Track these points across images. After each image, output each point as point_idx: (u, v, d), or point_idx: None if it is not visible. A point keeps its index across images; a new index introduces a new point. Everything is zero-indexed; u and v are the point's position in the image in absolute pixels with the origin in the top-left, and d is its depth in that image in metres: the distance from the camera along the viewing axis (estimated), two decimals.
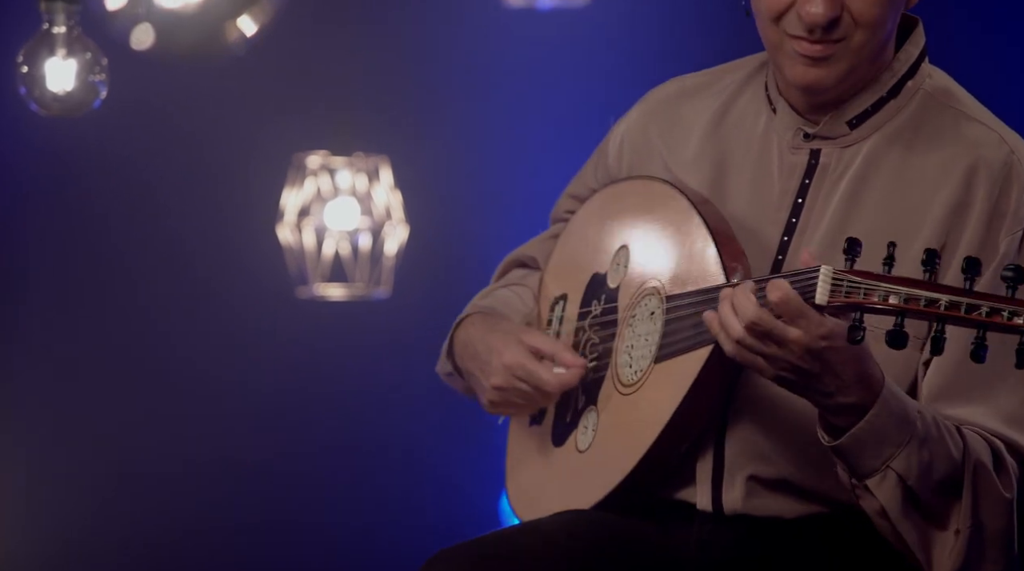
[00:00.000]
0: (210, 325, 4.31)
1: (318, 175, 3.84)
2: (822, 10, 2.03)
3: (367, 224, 3.87)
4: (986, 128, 2.10)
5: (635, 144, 2.28)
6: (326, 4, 4.22)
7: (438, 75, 4.35)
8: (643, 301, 2.17)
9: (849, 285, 1.88)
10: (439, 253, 4.31)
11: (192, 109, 4.20)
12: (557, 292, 2.32)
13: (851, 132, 2.11)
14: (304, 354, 4.34)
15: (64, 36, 2.31)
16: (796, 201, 2.12)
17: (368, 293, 3.90)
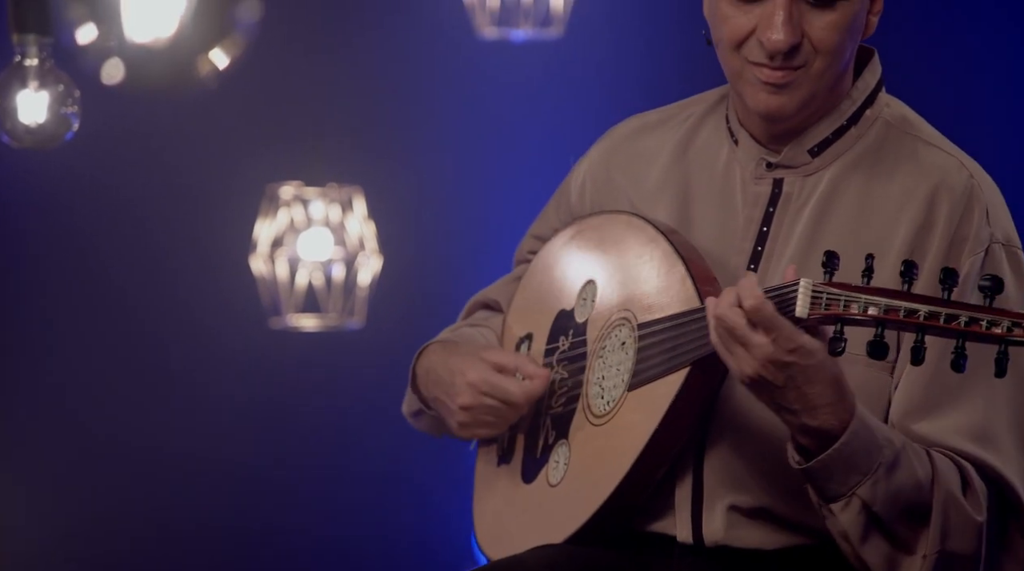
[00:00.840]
0: (183, 355, 4.30)
1: (291, 206, 3.84)
2: (783, 36, 2.05)
3: (340, 254, 3.87)
4: (945, 154, 2.12)
5: (597, 182, 2.29)
6: (298, 35, 4.22)
7: (412, 106, 4.36)
8: (613, 333, 2.17)
9: (829, 297, 1.89)
10: (412, 284, 4.30)
11: (165, 140, 4.20)
12: (522, 332, 2.32)
13: (813, 161, 2.13)
14: (277, 385, 4.33)
15: (36, 69, 2.31)
16: (761, 230, 2.13)
17: (341, 324, 3.89)
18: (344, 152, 4.13)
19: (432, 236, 4.36)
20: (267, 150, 4.19)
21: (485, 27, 3.91)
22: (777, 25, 2.05)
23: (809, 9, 2.06)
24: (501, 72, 4.32)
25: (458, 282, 4.33)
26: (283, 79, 4.21)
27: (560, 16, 3.91)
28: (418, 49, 4.33)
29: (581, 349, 2.21)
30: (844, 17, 2.06)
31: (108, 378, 4.30)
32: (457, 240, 4.36)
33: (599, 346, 2.18)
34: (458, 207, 4.36)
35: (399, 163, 4.34)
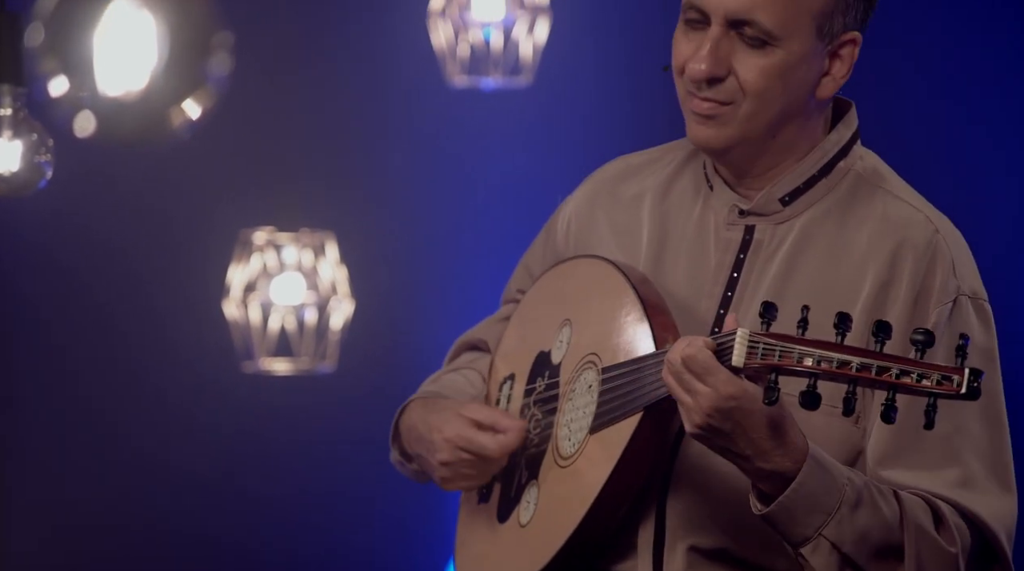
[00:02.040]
0: (156, 399, 4.29)
1: (264, 251, 3.85)
2: (704, 67, 2.09)
3: (312, 299, 3.88)
4: (912, 209, 2.14)
5: (581, 222, 2.33)
6: (270, 82, 4.24)
7: (383, 153, 4.38)
8: (582, 375, 2.20)
9: (765, 347, 1.91)
10: (384, 328, 4.31)
11: (138, 186, 4.21)
12: (506, 372, 2.35)
13: (784, 209, 2.16)
14: (250, 428, 4.32)
15: (10, 118, 2.33)
16: (732, 275, 2.16)
17: (313, 368, 3.90)
18: (316, 198, 4.15)
19: (403, 281, 4.37)
20: (240, 196, 4.20)
21: (455, 75, 3.95)
22: (702, 55, 2.09)
23: (742, 47, 2.09)
24: (471, 119, 4.35)
25: (429, 327, 4.35)
26: (256, 126, 4.23)
27: (529, 65, 3.95)
28: (390, 97, 4.36)
29: (554, 391, 2.24)
30: (775, 64, 2.08)
31: (79, 422, 4.29)
32: (428, 285, 4.37)
33: (569, 388, 2.21)
34: (429, 252, 4.38)
35: (371, 209, 4.35)
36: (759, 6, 2.07)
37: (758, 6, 2.07)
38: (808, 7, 2.08)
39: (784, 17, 2.07)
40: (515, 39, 3.93)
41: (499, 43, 3.92)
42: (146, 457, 4.30)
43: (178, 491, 4.30)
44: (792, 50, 2.09)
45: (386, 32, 4.32)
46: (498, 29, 3.91)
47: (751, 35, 2.08)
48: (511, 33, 3.93)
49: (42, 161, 2.35)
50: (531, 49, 3.94)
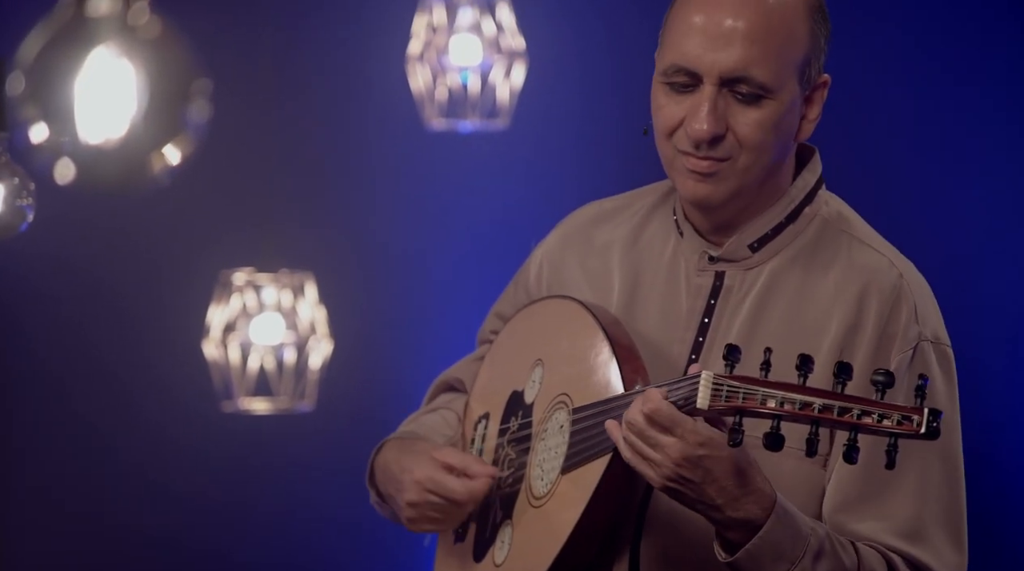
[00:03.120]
0: (135, 438, 4.29)
1: (244, 291, 3.86)
2: (706, 127, 2.10)
3: (292, 339, 3.89)
4: (877, 253, 2.17)
5: (554, 267, 2.35)
6: (249, 124, 4.26)
7: (362, 194, 4.39)
8: (554, 415, 2.22)
9: (729, 389, 1.93)
10: (362, 368, 4.32)
11: (118, 227, 4.22)
12: (480, 412, 2.37)
13: (753, 255, 2.19)
14: (229, 467, 4.32)
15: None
16: (703, 321, 2.19)
17: (292, 407, 3.91)
18: (296, 239, 4.17)
19: (382, 321, 4.38)
20: (220, 237, 4.22)
21: (434, 118, 3.97)
22: (702, 116, 2.09)
23: (736, 104, 2.10)
24: (449, 162, 4.37)
25: (408, 367, 4.36)
26: (235, 167, 4.25)
27: (506, 108, 3.98)
28: (369, 139, 4.38)
29: (527, 431, 2.26)
30: (770, 116, 2.11)
31: (59, 461, 4.29)
32: (406, 325, 4.38)
33: (542, 428, 2.23)
34: (407, 293, 4.39)
35: (350, 250, 4.37)
36: (753, 63, 2.09)
37: (752, 63, 2.09)
38: (793, 57, 2.11)
39: (775, 70, 2.10)
40: (492, 83, 3.95)
41: (476, 87, 3.95)
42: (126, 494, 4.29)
43: (158, 526, 4.30)
44: (783, 100, 2.11)
45: (365, 75, 4.34)
46: (475, 73, 3.94)
47: (746, 91, 2.10)
48: (488, 77, 3.95)
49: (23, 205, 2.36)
50: (508, 93, 3.97)
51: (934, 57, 4.18)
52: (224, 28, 4.22)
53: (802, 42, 2.12)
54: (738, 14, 2.09)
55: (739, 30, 2.09)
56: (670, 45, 2.13)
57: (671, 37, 2.13)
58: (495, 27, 3.91)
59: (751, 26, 2.09)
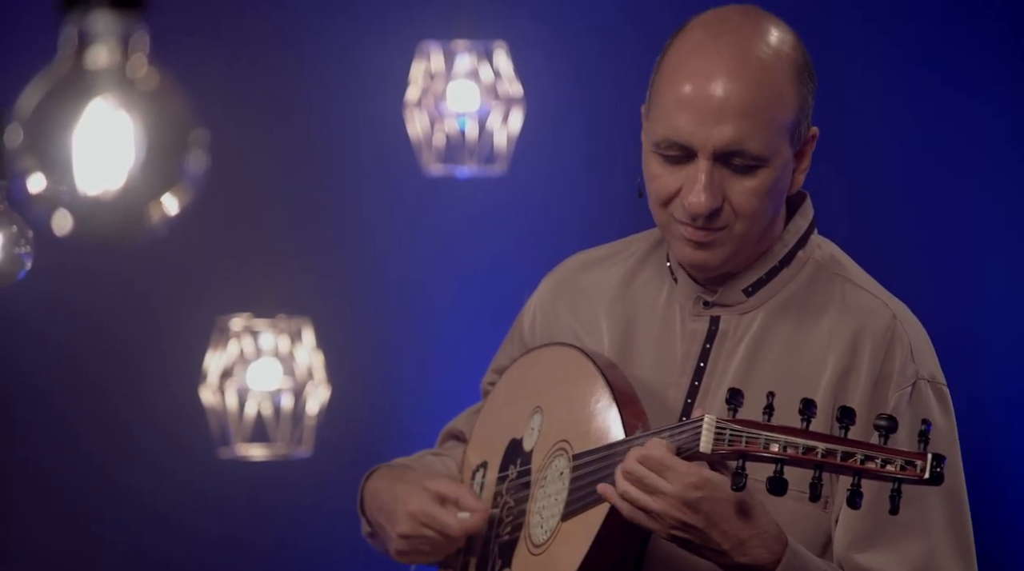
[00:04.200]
0: (132, 486, 4.28)
1: (241, 337, 3.85)
2: (703, 201, 2.09)
3: (289, 384, 3.88)
4: (871, 296, 2.18)
5: (546, 316, 2.36)
6: (247, 169, 4.27)
7: (359, 239, 4.40)
8: (553, 462, 2.21)
9: (732, 433, 1.93)
10: (360, 413, 4.31)
11: (115, 272, 4.22)
12: (478, 460, 2.37)
13: (747, 300, 2.19)
14: (226, 513, 4.31)
15: None
16: (698, 365, 2.19)
17: (289, 453, 3.90)
18: (293, 284, 4.17)
19: (379, 366, 4.38)
20: (217, 283, 4.22)
21: (431, 164, 3.98)
22: (698, 191, 2.08)
23: (731, 175, 2.09)
24: (446, 207, 4.38)
25: (405, 412, 4.35)
26: (233, 213, 4.25)
27: (503, 154, 3.98)
28: (366, 184, 4.39)
29: (526, 478, 2.25)
30: (765, 182, 2.10)
31: (55, 508, 4.27)
32: (404, 370, 4.38)
33: (541, 475, 2.22)
34: (405, 338, 4.39)
35: (347, 295, 4.37)
36: (746, 136, 2.08)
37: (745, 136, 2.08)
38: (783, 123, 2.11)
39: (767, 140, 2.09)
40: (489, 129, 3.96)
41: (474, 133, 3.96)
42: (123, 542, 4.28)
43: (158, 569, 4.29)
44: (776, 166, 2.11)
45: (363, 122, 4.35)
46: (473, 119, 3.95)
47: (740, 163, 2.09)
48: (486, 123, 3.96)
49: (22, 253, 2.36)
50: (505, 139, 3.97)
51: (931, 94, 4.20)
52: (221, 76, 4.23)
53: (791, 106, 2.11)
54: (729, 87, 2.07)
55: (731, 104, 2.07)
56: (660, 117, 2.12)
57: (661, 108, 2.11)
58: (492, 73, 3.92)
59: (742, 99, 2.07)
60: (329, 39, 4.33)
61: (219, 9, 4.27)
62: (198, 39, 4.18)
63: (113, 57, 1.32)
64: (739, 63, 2.08)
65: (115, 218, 1.37)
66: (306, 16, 4.33)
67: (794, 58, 2.12)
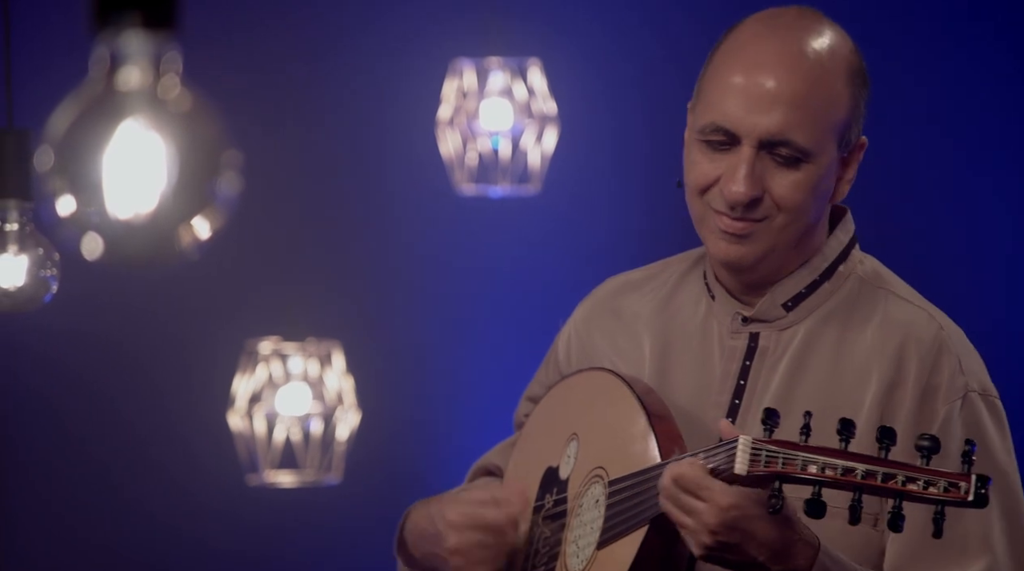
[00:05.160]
0: (160, 512, 4.26)
1: (270, 361, 3.82)
2: (744, 189, 2.07)
3: (319, 409, 3.85)
4: (915, 308, 2.14)
5: (581, 342, 2.32)
6: (277, 192, 4.26)
7: (390, 261, 4.38)
8: (589, 489, 2.18)
9: (768, 455, 1.90)
10: (390, 439, 4.29)
11: (144, 297, 4.21)
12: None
13: (787, 315, 2.15)
14: (254, 541, 4.29)
15: (16, 233, 2.33)
16: (738, 383, 2.15)
17: (319, 479, 3.86)
18: (323, 307, 4.14)
19: (410, 391, 4.36)
20: (246, 306, 4.20)
21: (463, 183, 3.95)
22: (739, 178, 2.07)
23: (774, 166, 2.08)
24: (479, 227, 4.36)
25: (436, 438, 4.33)
26: (262, 235, 4.24)
27: (537, 173, 3.95)
28: (397, 204, 4.37)
29: (562, 507, 2.22)
30: (809, 178, 2.08)
31: (80, 534, 4.26)
32: (435, 395, 4.36)
33: (577, 504, 2.19)
34: (436, 362, 4.37)
35: (378, 318, 4.35)
36: (794, 127, 2.07)
37: (793, 127, 2.07)
38: (833, 121, 2.09)
39: (815, 134, 2.08)
40: (523, 148, 3.93)
41: (507, 152, 3.93)
42: (150, 569, 4.26)
43: None
44: (821, 163, 2.09)
45: (394, 141, 4.34)
46: (506, 138, 3.92)
47: (785, 154, 2.07)
48: (519, 142, 3.93)
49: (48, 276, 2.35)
50: (539, 157, 3.94)
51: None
52: (251, 95, 4.22)
53: (843, 106, 2.10)
54: (780, 77, 2.07)
55: (782, 93, 2.07)
56: (709, 103, 2.11)
57: (710, 95, 2.11)
58: (526, 91, 3.90)
59: (794, 90, 2.07)
60: (361, 57, 4.31)
61: (250, 28, 4.26)
62: (229, 59, 4.17)
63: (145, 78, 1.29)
64: (793, 54, 2.08)
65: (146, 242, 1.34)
66: (338, 35, 4.31)
67: (850, 60, 2.12)
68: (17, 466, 4.24)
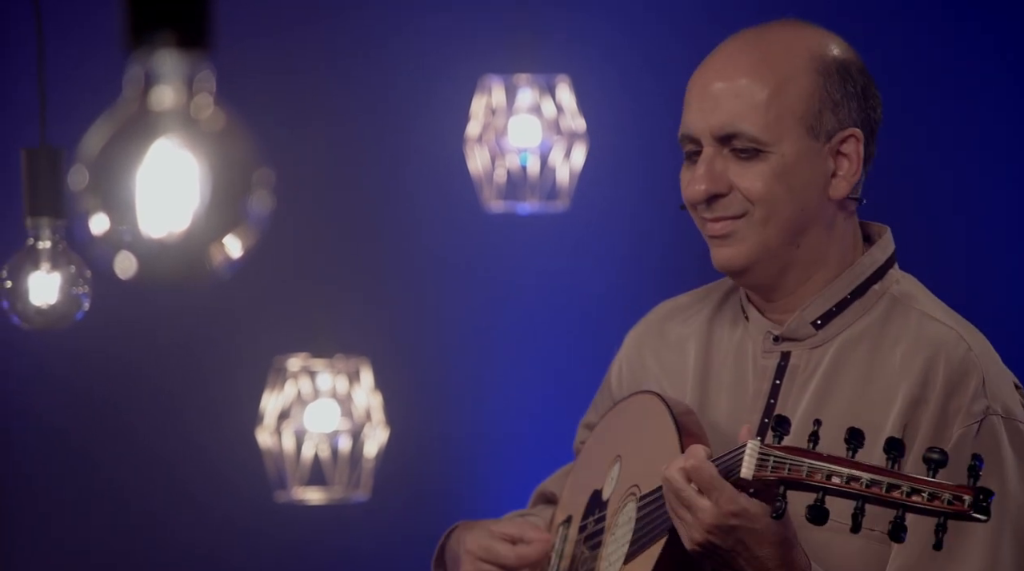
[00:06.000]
0: (188, 529, 4.26)
1: (298, 378, 3.82)
2: (702, 186, 2.11)
3: (347, 426, 3.85)
4: (946, 327, 2.12)
5: (632, 366, 2.36)
6: (305, 207, 4.26)
7: (418, 278, 4.38)
8: (625, 507, 2.20)
9: (775, 460, 1.89)
10: (419, 456, 4.29)
11: (172, 313, 4.21)
12: (563, 516, 2.36)
13: (817, 333, 2.15)
14: (283, 559, 4.29)
15: (49, 251, 2.33)
16: (769, 402, 2.16)
17: (347, 497, 3.86)
18: (351, 324, 4.14)
19: (439, 407, 4.36)
20: (274, 322, 4.21)
21: (492, 200, 3.94)
22: (697, 176, 2.11)
23: (736, 161, 2.10)
24: (507, 244, 4.35)
25: (464, 455, 4.32)
26: (290, 252, 4.24)
27: (566, 190, 3.95)
28: (426, 221, 4.37)
29: (600, 525, 2.24)
30: (772, 168, 2.09)
31: (108, 547, 4.26)
32: (463, 412, 4.35)
33: (613, 522, 2.21)
34: (464, 379, 4.36)
35: (406, 335, 4.35)
36: (740, 117, 2.09)
37: (739, 117, 2.09)
38: (790, 109, 2.10)
39: (767, 122, 2.09)
40: (551, 164, 3.93)
41: (536, 168, 3.93)
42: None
43: None
44: (784, 152, 2.10)
45: (423, 157, 4.34)
46: (535, 154, 3.92)
47: (741, 147, 2.09)
48: (547, 158, 3.93)
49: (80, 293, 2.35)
50: (568, 174, 3.94)
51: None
52: (279, 113, 4.23)
53: (803, 95, 2.10)
54: (724, 75, 2.12)
55: (726, 88, 2.11)
56: (682, 118, 2.16)
57: (683, 110, 2.17)
58: (555, 108, 3.89)
59: (736, 83, 2.10)
60: (390, 75, 4.32)
61: (280, 46, 4.27)
62: (259, 77, 4.18)
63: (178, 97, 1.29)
64: (741, 51, 2.13)
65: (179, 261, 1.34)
66: (367, 52, 4.32)
67: (816, 51, 2.12)
68: (48, 479, 4.24)
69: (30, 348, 4.07)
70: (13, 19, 3.99)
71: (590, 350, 2.90)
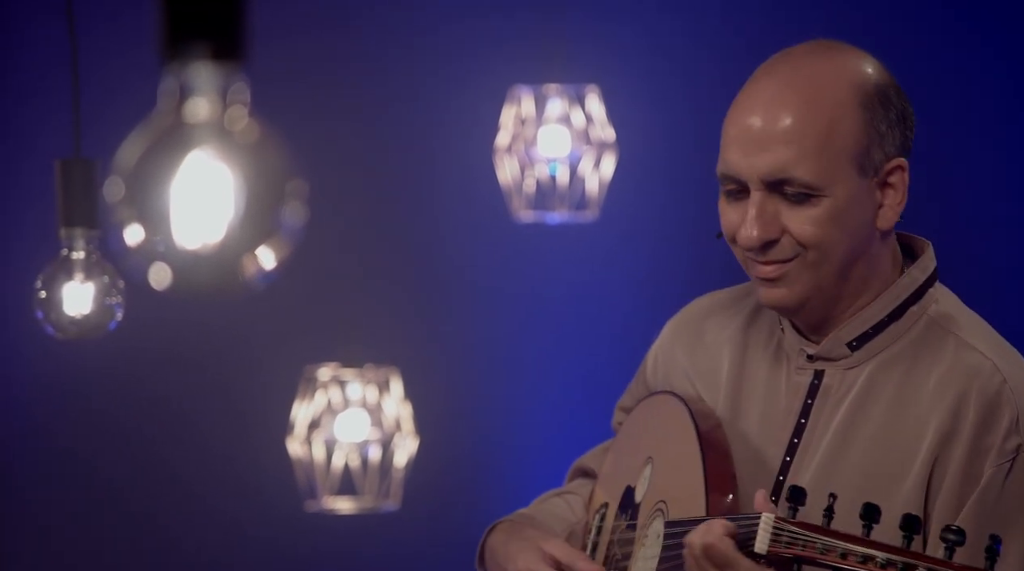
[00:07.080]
0: (218, 540, 4.27)
1: (328, 387, 3.82)
2: (755, 233, 2.06)
3: (377, 435, 3.85)
4: (982, 356, 2.08)
5: (666, 360, 2.34)
6: (335, 218, 4.27)
7: (448, 287, 4.38)
8: (653, 521, 2.19)
9: (789, 536, 1.88)
10: (449, 465, 4.28)
11: (203, 323, 4.22)
12: (602, 500, 2.36)
13: (852, 354, 2.12)
14: (313, 569, 4.29)
15: (83, 261, 2.34)
16: (799, 421, 2.13)
17: (377, 506, 3.86)
18: (381, 333, 4.14)
19: (469, 417, 4.35)
20: (305, 332, 4.21)
21: (521, 210, 3.94)
22: (749, 222, 2.05)
23: (787, 205, 2.05)
24: (537, 254, 4.35)
25: (495, 463, 4.31)
26: (320, 262, 4.25)
27: (595, 200, 3.94)
28: (455, 231, 4.37)
29: (632, 532, 2.24)
30: (824, 212, 2.04)
31: (138, 558, 4.27)
32: (493, 422, 4.35)
33: (643, 533, 2.21)
34: (494, 388, 4.36)
35: (436, 344, 4.34)
36: (792, 163, 2.04)
37: (792, 163, 2.04)
38: (843, 150, 2.05)
39: (820, 167, 2.04)
40: (581, 175, 3.93)
41: (565, 178, 3.92)
42: None
43: None
44: (837, 195, 2.05)
45: (452, 167, 4.34)
46: (564, 164, 3.91)
47: (793, 192, 2.04)
48: (577, 168, 3.93)
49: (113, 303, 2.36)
50: (597, 184, 3.94)
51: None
52: (309, 124, 4.23)
53: (852, 134, 2.05)
54: (773, 116, 2.04)
55: (775, 132, 2.04)
56: (720, 154, 2.10)
57: (721, 146, 2.10)
58: (584, 118, 3.89)
59: (786, 127, 2.03)
60: (419, 85, 4.32)
61: (311, 58, 4.28)
62: (290, 88, 4.19)
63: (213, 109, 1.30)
64: (784, 89, 2.05)
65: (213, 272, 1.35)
66: (396, 62, 4.32)
67: (858, 83, 2.06)
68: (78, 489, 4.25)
69: (63, 357, 4.08)
70: (48, 31, 4.01)
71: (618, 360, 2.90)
